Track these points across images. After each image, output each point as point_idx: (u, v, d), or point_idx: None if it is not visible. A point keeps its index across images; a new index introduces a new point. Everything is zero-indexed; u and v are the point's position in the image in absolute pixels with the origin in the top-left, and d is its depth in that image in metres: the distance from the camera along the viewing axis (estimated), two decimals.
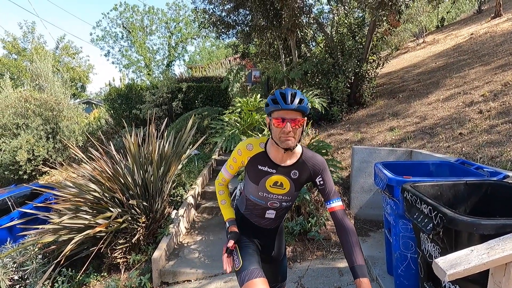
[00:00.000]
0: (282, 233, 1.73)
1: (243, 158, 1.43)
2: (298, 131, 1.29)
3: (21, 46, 24.19)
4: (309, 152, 1.43)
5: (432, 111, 4.97)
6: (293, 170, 1.39)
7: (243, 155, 1.42)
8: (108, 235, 3.24)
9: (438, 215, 1.41)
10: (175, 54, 30.21)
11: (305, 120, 1.31)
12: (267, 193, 1.44)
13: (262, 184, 1.42)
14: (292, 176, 1.40)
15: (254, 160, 1.41)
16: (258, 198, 1.48)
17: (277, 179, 1.40)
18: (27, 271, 3.20)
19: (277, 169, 1.39)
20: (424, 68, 8.12)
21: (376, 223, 3.59)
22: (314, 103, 3.81)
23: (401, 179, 1.99)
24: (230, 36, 8.14)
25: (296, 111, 1.26)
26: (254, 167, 1.41)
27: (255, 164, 1.41)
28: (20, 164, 8.87)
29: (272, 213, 1.52)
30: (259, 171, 1.40)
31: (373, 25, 6.08)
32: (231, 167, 1.51)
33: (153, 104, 9.36)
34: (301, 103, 1.26)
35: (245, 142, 1.44)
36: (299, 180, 1.41)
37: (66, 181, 3.59)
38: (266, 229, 1.60)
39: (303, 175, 1.40)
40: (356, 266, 1.19)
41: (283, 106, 1.24)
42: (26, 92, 10.22)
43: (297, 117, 1.27)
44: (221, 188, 1.61)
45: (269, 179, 1.40)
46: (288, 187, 1.42)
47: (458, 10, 16.11)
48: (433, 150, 3.68)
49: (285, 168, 1.39)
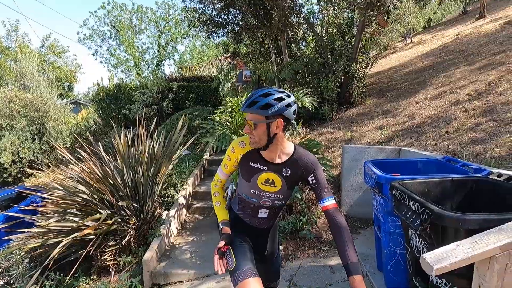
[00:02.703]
0: (275, 233, 1.73)
1: (236, 156, 1.45)
2: (256, 132, 1.30)
3: (4, 45, 23.47)
4: (302, 150, 1.43)
5: (420, 110, 5.07)
6: (284, 168, 1.40)
7: (236, 153, 1.44)
8: (98, 237, 3.18)
9: (425, 211, 1.44)
10: (165, 54, 29.86)
11: (270, 123, 1.29)
12: (259, 190, 1.46)
13: (254, 181, 1.44)
14: (283, 174, 1.41)
15: (246, 157, 1.43)
16: (250, 196, 1.49)
17: (268, 176, 1.42)
18: (13, 276, 3.12)
19: (269, 167, 1.41)
20: (411, 67, 8.28)
21: (366, 220, 3.64)
22: (305, 103, 3.84)
23: (390, 177, 2.03)
24: (221, 35, 8.11)
25: (251, 114, 1.29)
26: (246, 164, 1.43)
27: (247, 161, 1.43)
28: (4, 167, 8.62)
29: (265, 212, 1.54)
30: (251, 168, 1.42)
31: (362, 25, 6.16)
32: (226, 166, 1.52)
33: (143, 104, 9.26)
34: (251, 105, 1.28)
35: (238, 139, 1.46)
36: (291, 178, 1.43)
37: (53, 183, 3.51)
38: (260, 228, 1.60)
39: (295, 173, 1.41)
40: (350, 264, 1.20)
41: (240, 109, 1.35)
42: (10, 92, 9.92)
43: (251, 119, 1.30)
44: (216, 190, 1.61)
45: (261, 176, 1.42)
46: (279, 185, 1.43)
47: (444, 11, 16.49)
48: (420, 148, 3.75)
49: (276, 166, 1.40)
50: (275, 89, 1.32)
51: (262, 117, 1.27)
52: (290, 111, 1.30)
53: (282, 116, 1.29)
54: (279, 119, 1.28)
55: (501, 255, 1.07)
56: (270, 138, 1.31)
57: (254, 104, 1.27)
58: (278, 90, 1.32)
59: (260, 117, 1.27)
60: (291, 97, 1.32)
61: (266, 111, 1.25)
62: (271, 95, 1.28)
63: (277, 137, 1.33)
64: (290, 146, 1.42)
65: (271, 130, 1.30)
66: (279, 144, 1.36)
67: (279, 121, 1.29)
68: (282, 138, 1.37)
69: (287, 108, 1.28)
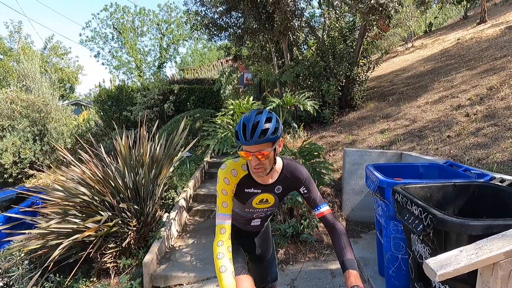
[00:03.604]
0: (267, 232, 1.76)
1: (231, 187, 1.36)
2: (268, 160, 1.23)
3: (7, 46, 23.60)
4: (291, 165, 1.40)
5: (421, 114, 5.07)
6: (276, 186, 1.40)
7: (231, 183, 1.35)
8: (98, 239, 3.17)
9: (428, 216, 1.43)
10: (167, 56, 30.00)
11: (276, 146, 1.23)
12: (253, 209, 1.47)
13: (249, 203, 1.44)
14: (276, 192, 1.42)
15: (240, 184, 1.38)
16: (244, 212, 1.51)
17: (263, 197, 1.42)
18: (13, 278, 3.11)
19: (262, 189, 1.39)
20: (413, 72, 8.29)
21: (367, 224, 3.62)
22: (306, 106, 3.84)
23: (392, 181, 2.02)
24: (222, 38, 8.14)
25: (262, 144, 1.17)
26: (241, 191, 1.40)
27: (242, 188, 1.39)
28: (5, 167, 8.63)
29: (257, 221, 1.58)
30: (246, 193, 1.40)
31: (363, 29, 6.18)
32: (225, 204, 1.31)
33: (144, 106, 9.27)
34: (263, 136, 1.16)
35: (227, 168, 1.34)
36: (283, 192, 1.44)
37: (54, 184, 3.51)
38: (252, 232, 1.66)
39: (286, 187, 1.42)
40: (346, 260, 1.17)
41: (243, 143, 1.18)
42: (12, 93, 9.96)
43: (262, 149, 1.18)
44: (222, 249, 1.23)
45: (256, 198, 1.42)
46: (272, 201, 1.46)
47: (445, 15, 16.55)
48: (422, 152, 3.75)
49: (269, 186, 1.39)
50: (263, 110, 1.26)
51: (271, 144, 1.20)
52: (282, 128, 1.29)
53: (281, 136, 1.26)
54: (281, 139, 1.27)
55: (505, 261, 1.06)
56: (274, 161, 1.29)
57: (265, 133, 1.16)
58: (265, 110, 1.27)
59: (269, 144, 1.20)
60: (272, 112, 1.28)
61: (276, 136, 1.20)
62: (271, 118, 1.21)
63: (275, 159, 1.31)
64: (279, 163, 1.39)
65: (276, 153, 1.28)
66: (274, 165, 1.32)
67: (281, 141, 1.27)
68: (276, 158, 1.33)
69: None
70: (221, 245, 1.25)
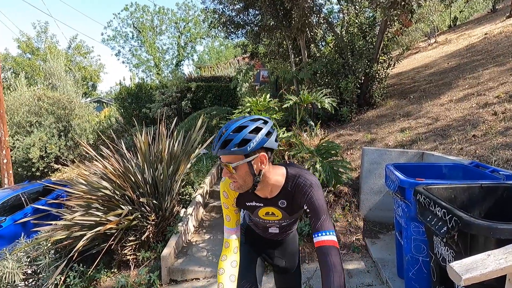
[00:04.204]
0: (292, 244, 1.62)
1: (231, 201, 1.32)
2: (239, 175, 1.11)
3: (35, 46, 24.74)
4: (295, 175, 1.23)
5: (445, 112, 4.87)
6: (280, 200, 1.27)
7: (230, 197, 1.32)
8: (119, 232, 3.29)
9: (453, 218, 1.38)
10: (184, 54, 30.45)
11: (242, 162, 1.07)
12: (263, 220, 1.40)
13: (256, 214, 1.37)
14: (280, 206, 1.29)
15: (240, 198, 1.32)
16: (256, 219, 1.44)
17: (267, 210, 1.33)
18: (40, 266, 3.27)
19: (264, 202, 1.30)
20: (436, 68, 7.98)
21: (385, 225, 3.54)
22: (324, 103, 3.79)
23: (414, 181, 1.96)
24: (239, 36, 8.15)
25: (228, 155, 1.09)
26: (242, 204, 1.34)
27: (243, 201, 1.33)
28: (33, 161, 9.09)
29: (275, 229, 1.47)
30: (248, 206, 1.34)
31: (384, 25, 6.01)
32: (228, 218, 1.35)
33: (163, 104, 9.46)
34: (225, 146, 1.06)
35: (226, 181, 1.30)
36: (290, 207, 1.29)
37: (78, 178, 3.66)
38: (272, 240, 1.55)
39: (292, 203, 1.27)
40: None
41: (212, 151, 1.13)
42: (39, 91, 10.45)
43: (228, 161, 1.09)
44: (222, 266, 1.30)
45: (260, 210, 1.34)
46: (280, 215, 1.34)
47: (472, 9, 15.77)
48: (445, 152, 3.61)
49: (271, 200, 1.28)
50: (248, 118, 1.12)
51: (241, 156, 1.07)
52: (272, 140, 1.11)
53: (264, 149, 1.11)
54: (262, 153, 1.10)
55: None
56: (256, 178, 1.13)
57: (227, 143, 1.06)
58: (252, 118, 1.13)
59: (239, 157, 1.08)
60: (268, 122, 1.14)
61: (244, 148, 1.05)
62: (245, 127, 1.08)
63: (264, 174, 1.15)
64: (280, 176, 1.23)
65: (255, 169, 1.11)
66: (268, 180, 1.19)
67: (262, 156, 1.10)
68: (270, 171, 1.18)
69: (267, 137, 1.09)
70: (224, 260, 1.30)
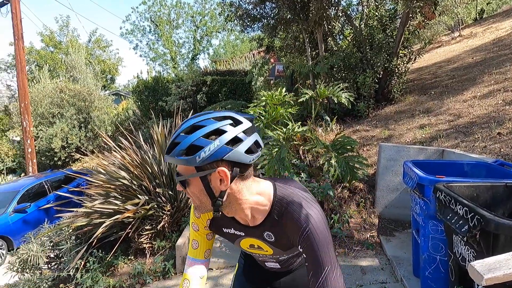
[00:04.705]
0: (300, 279, 1.15)
1: (203, 222, 1.00)
2: (191, 191, 0.79)
3: (57, 39, 25.55)
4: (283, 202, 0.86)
5: (468, 108, 4.69)
6: (265, 232, 0.90)
7: (203, 217, 1.00)
8: (136, 221, 3.38)
9: (475, 217, 1.34)
10: (200, 48, 30.61)
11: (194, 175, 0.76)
12: (250, 252, 1.05)
13: (238, 245, 1.03)
14: (267, 239, 0.92)
15: (215, 221, 0.99)
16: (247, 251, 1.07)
17: (251, 242, 0.97)
18: (62, 250, 3.42)
19: (245, 231, 0.94)
20: (459, 63, 7.65)
21: (401, 223, 3.47)
22: (341, 98, 3.72)
23: (434, 179, 1.91)
24: (255, 29, 8.10)
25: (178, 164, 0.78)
26: (219, 230, 1.01)
27: (218, 227, 1.00)
28: (55, 151, 9.48)
29: (274, 264, 1.10)
30: (226, 234, 1.00)
31: (406, 18, 5.80)
32: (195, 244, 1.03)
33: (179, 97, 9.59)
34: (170, 150, 0.75)
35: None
36: (280, 243, 0.91)
37: (97, 168, 3.79)
38: (274, 272, 1.17)
39: (281, 238, 0.89)
40: None
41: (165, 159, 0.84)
42: (61, 83, 10.83)
43: (178, 171, 0.79)
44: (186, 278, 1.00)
45: (242, 242, 0.99)
46: (270, 250, 0.96)
47: (500, 1, 14.96)
48: (467, 150, 3.48)
49: (253, 230, 0.91)
50: (212, 115, 0.78)
51: (192, 169, 0.76)
52: (240, 150, 0.74)
53: (227, 162, 0.75)
54: (220, 168, 0.74)
55: None
56: (215, 199, 0.78)
57: (173, 147, 0.75)
58: (221, 115, 0.78)
59: (189, 168, 0.76)
60: (242, 123, 0.77)
61: (191, 159, 0.72)
62: (199, 128, 0.75)
63: (229, 194, 0.80)
64: (262, 197, 0.86)
65: (213, 187, 0.77)
66: (239, 203, 0.82)
67: (221, 172, 0.75)
68: (242, 191, 0.81)
69: (231, 147, 0.73)
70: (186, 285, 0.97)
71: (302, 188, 0.92)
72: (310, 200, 0.86)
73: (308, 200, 0.85)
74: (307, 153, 3.99)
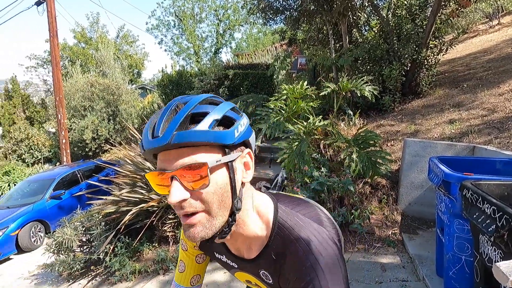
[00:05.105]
0: None
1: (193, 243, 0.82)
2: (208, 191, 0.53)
3: (88, 36, 26.74)
4: (284, 233, 0.62)
5: (504, 103, 4.39)
6: (261, 270, 0.68)
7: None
8: (160, 210, 3.54)
9: (503, 216, 1.28)
10: (223, 41, 30.75)
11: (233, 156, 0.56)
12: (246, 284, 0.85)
13: (233, 276, 0.82)
14: (264, 279, 0.69)
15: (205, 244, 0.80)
16: None
17: (246, 277, 0.76)
18: (93, 235, 3.66)
19: (239, 264, 0.73)
20: (497, 54, 7.14)
21: (425, 221, 3.36)
22: (364, 91, 3.62)
23: (461, 176, 1.83)
24: (278, 22, 8.00)
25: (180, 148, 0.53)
26: (211, 255, 0.81)
27: (210, 251, 0.80)
28: (86, 142, 10.03)
29: None
30: (220, 260, 0.79)
31: (437, 6, 5.48)
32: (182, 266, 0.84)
33: (201, 91, 9.76)
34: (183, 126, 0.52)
35: None
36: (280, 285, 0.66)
37: (125, 159, 3.98)
38: None
39: (283, 283, 0.63)
40: None
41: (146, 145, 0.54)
42: (92, 78, 11.37)
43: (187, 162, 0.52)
44: None
45: (237, 273, 0.79)
46: None
47: None
48: (501, 146, 3.28)
49: (248, 264, 0.70)
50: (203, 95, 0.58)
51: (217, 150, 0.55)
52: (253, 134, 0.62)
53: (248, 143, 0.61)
54: (248, 150, 0.60)
55: None
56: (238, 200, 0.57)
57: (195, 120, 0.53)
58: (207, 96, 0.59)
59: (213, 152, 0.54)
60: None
61: (230, 132, 0.55)
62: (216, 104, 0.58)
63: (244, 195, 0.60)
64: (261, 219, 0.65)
65: (237, 179, 0.57)
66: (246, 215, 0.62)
67: (249, 155, 0.60)
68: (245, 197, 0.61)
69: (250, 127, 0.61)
70: None
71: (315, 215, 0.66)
72: (317, 230, 0.61)
73: (313, 232, 0.60)
74: (328, 148, 3.94)
